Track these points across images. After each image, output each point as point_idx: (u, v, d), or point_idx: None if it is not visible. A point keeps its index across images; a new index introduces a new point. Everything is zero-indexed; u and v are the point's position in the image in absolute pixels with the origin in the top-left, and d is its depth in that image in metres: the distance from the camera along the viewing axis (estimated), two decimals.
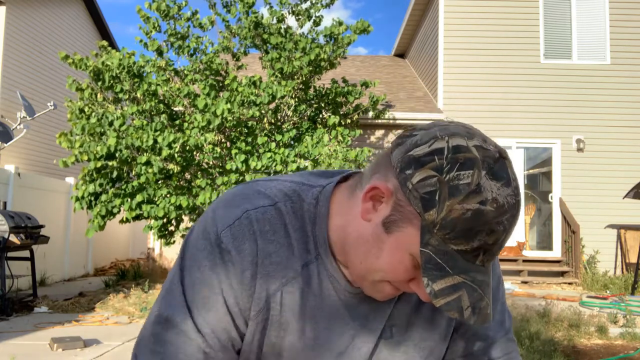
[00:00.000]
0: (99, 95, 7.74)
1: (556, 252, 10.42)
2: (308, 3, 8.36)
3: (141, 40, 7.87)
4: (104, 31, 14.88)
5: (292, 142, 7.89)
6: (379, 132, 10.62)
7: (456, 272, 0.73)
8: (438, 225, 0.72)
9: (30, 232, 6.85)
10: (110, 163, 7.04)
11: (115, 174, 7.25)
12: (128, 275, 9.26)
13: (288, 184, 0.91)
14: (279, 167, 7.06)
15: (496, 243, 0.73)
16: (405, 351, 0.92)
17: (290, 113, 8.30)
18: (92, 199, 7.19)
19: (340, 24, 8.20)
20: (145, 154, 6.90)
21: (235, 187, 0.94)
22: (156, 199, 7.04)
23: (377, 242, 0.79)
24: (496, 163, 0.73)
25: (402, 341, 0.92)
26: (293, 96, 8.15)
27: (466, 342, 0.97)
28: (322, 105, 8.66)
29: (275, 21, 8.24)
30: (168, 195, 7.06)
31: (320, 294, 0.87)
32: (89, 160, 6.94)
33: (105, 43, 8.21)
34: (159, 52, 7.87)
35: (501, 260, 9.94)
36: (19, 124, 10.06)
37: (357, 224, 0.82)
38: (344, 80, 8.93)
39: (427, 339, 0.93)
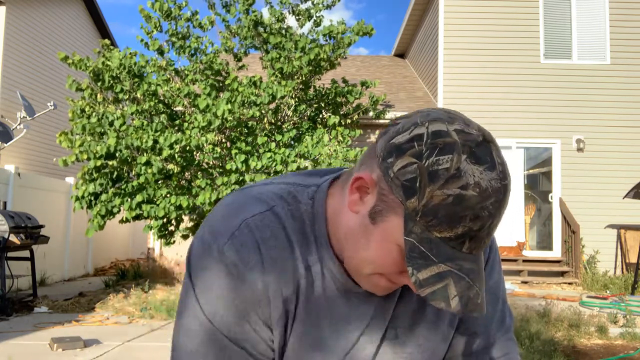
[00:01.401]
0: (99, 95, 7.74)
1: (556, 252, 10.42)
2: (309, 3, 8.36)
3: (142, 40, 7.86)
4: (104, 31, 14.88)
5: (292, 142, 7.89)
6: (380, 132, 10.61)
7: (441, 260, 0.70)
8: (420, 212, 0.70)
9: (30, 232, 6.86)
10: (110, 163, 7.04)
11: (115, 173, 7.25)
12: (128, 275, 9.26)
13: (282, 186, 0.89)
14: (279, 167, 7.06)
15: (482, 229, 0.70)
16: (410, 352, 0.91)
17: (290, 113, 8.30)
18: (92, 198, 7.19)
19: (342, 24, 8.20)
20: (145, 154, 6.90)
21: (228, 196, 0.92)
22: (156, 199, 7.04)
23: (365, 234, 0.78)
24: (478, 147, 0.71)
25: (407, 341, 0.91)
26: (293, 96, 8.15)
27: (466, 341, 0.96)
28: (322, 105, 8.65)
29: (275, 21, 8.24)
30: (168, 195, 7.06)
31: (324, 294, 0.86)
32: (88, 159, 6.93)
33: (107, 42, 8.21)
34: (160, 52, 7.87)
35: (501, 260, 9.92)
36: (19, 124, 10.06)
37: (347, 217, 0.81)
38: (344, 81, 8.93)
39: (430, 339, 0.92)
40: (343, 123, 8.72)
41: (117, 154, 6.86)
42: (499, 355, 0.97)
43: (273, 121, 8.09)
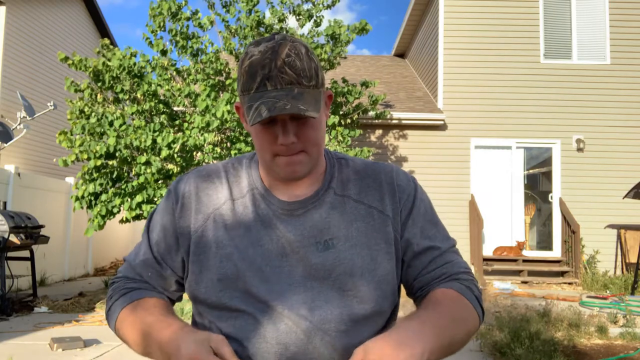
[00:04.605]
0: (98, 95, 7.73)
1: (556, 252, 10.42)
2: (309, 4, 8.35)
3: (147, 38, 7.84)
4: (103, 31, 14.88)
5: None
6: (379, 132, 10.62)
7: (255, 102, 1.00)
8: (240, 89, 1.04)
9: (30, 232, 6.85)
10: (110, 162, 7.03)
11: (115, 173, 7.25)
12: None
13: (234, 159, 1.22)
14: None
15: (271, 70, 0.98)
16: (350, 259, 1.08)
17: None
18: (92, 198, 7.19)
19: (340, 26, 8.19)
20: (145, 154, 6.89)
21: None
22: (156, 199, 7.04)
23: (254, 139, 1.08)
24: (262, 39, 1.03)
25: (344, 250, 1.08)
26: None
27: (423, 255, 1.14)
28: None
29: (276, 21, 8.23)
30: None
31: (257, 216, 1.10)
32: (88, 159, 6.93)
33: (107, 41, 8.19)
34: (163, 52, 7.85)
35: (501, 260, 9.96)
36: (19, 124, 10.06)
37: None
38: (344, 80, 8.93)
39: (367, 248, 1.10)
40: (343, 123, 8.72)
41: (117, 154, 6.85)
42: (451, 260, 1.16)
43: None
